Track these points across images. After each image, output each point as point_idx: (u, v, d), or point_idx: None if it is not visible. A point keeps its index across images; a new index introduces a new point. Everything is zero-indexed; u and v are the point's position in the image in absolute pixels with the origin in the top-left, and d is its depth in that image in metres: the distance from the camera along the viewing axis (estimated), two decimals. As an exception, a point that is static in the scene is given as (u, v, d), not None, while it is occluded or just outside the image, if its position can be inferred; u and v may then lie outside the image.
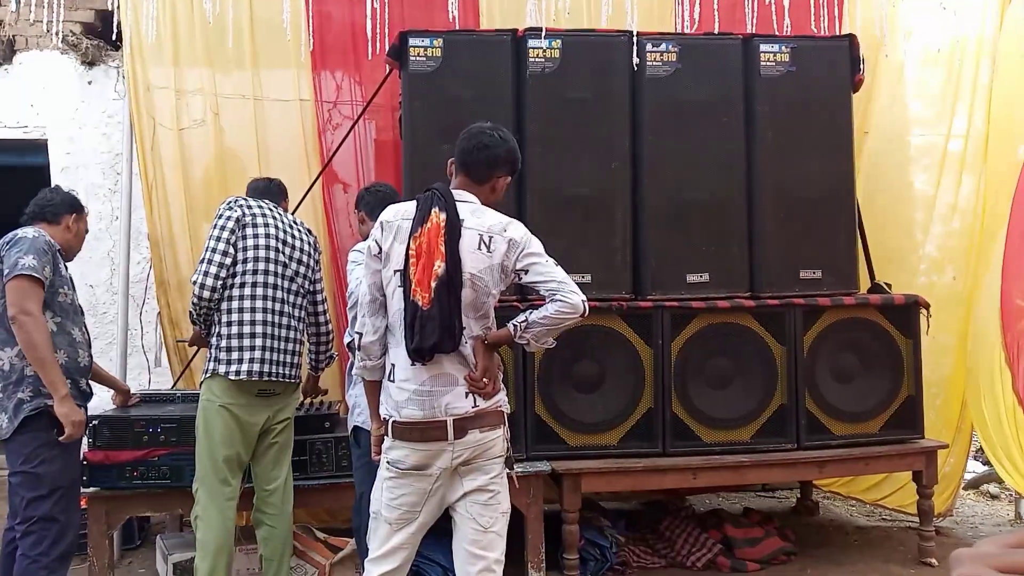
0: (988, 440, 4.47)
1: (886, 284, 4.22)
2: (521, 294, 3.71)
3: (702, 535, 4.08)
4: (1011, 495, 5.10)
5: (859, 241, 4.28)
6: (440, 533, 3.80)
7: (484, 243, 2.27)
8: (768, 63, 4.00)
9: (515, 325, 2.31)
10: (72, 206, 3.13)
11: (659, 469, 3.82)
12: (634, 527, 4.34)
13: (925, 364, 4.30)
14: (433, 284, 2.21)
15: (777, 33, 4.16)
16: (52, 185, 3.36)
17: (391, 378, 2.31)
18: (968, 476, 5.28)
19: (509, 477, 2.40)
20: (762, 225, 4.03)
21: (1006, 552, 0.55)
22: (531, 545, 3.65)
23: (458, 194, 2.34)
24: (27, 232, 2.88)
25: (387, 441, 2.32)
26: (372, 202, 3.36)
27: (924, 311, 4.10)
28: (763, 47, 4.00)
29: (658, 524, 4.29)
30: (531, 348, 2.43)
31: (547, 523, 3.69)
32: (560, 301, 2.24)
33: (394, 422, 2.28)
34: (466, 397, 2.26)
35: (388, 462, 2.32)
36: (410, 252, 2.25)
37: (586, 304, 2.28)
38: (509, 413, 2.42)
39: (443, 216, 2.25)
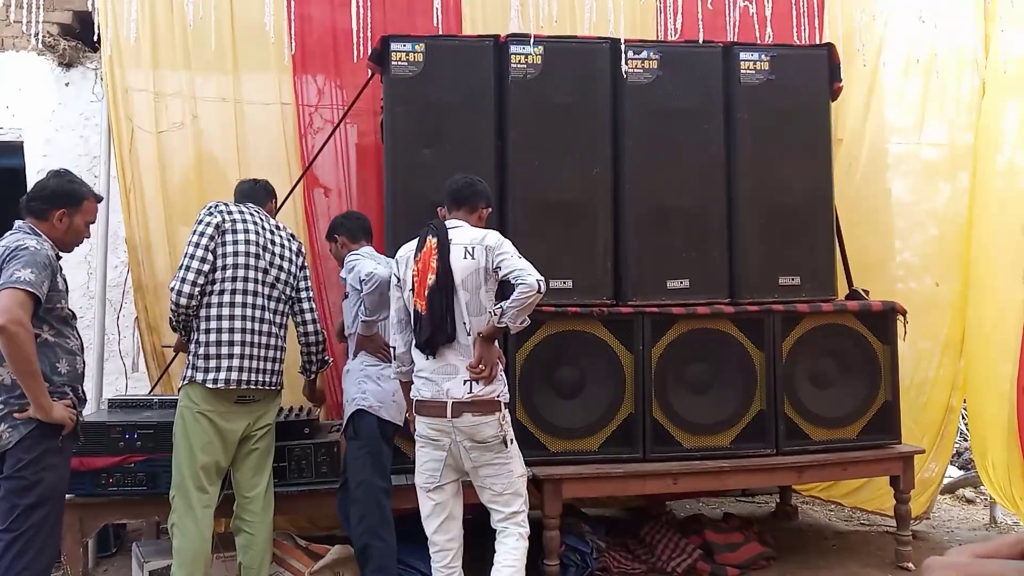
0: (978, 442, 4.54)
1: (864, 291, 4.27)
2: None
3: (682, 540, 4.09)
4: (986, 499, 5.17)
5: (837, 248, 4.32)
6: (421, 540, 3.80)
7: (468, 253, 2.85)
8: (748, 71, 4.03)
9: (492, 313, 2.79)
10: (61, 200, 2.87)
11: (639, 475, 3.82)
12: (615, 533, 4.34)
13: (904, 370, 4.36)
14: (426, 292, 2.81)
15: (759, 42, 4.20)
16: (48, 174, 3.06)
17: (416, 369, 2.91)
18: (945, 480, 5.34)
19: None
20: (742, 232, 4.06)
21: (975, 562, 0.56)
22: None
23: (450, 222, 2.97)
24: (29, 242, 2.70)
25: (416, 419, 2.91)
26: (353, 227, 3.52)
27: (901, 317, 4.14)
28: (743, 55, 4.04)
29: (639, 530, 4.30)
30: (513, 329, 2.86)
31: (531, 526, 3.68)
32: (521, 284, 2.73)
33: (416, 400, 2.90)
34: (463, 384, 2.78)
35: (416, 435, 2.93)
36: (414, 273, 2.90)
37: (541, 283, 2.74)
38: (507, 403, 2.89)
39: (435, 240, 2.87)
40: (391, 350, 3.10)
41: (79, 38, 4.91)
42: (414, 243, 2.97)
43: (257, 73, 4.45)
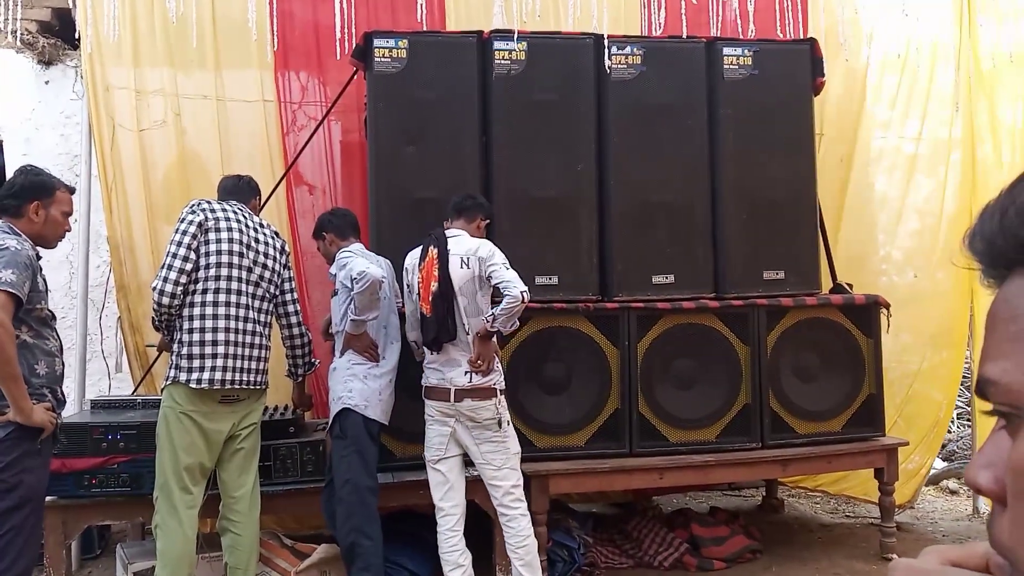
0: (982, 434, 4.56)
1: (847, 284, 4.29)
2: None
3: (669, 535, 4.11)
4: (969, 491, 5.21)
5: (821, 242, 4.34)
6: (407, 539, 3.80)
7: (464, 262, 3.19)
8: (731, 66, 4.04)
9: (486, 318, 3.13)
10: (33, 192, 2.81)
11: (626, 469, 3.84)
12: (602, 528, 4.36)
13: (888, 363, 4.38)
14: (430, 298, 3.18)
15: (742, 37, 4.21)
16: (15, 172, 3.02)
17: (426, 361, 3.31)
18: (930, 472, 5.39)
19: None
20: (726, 227, 4.08)
21: (941, 571, 0.55)
22: (499, 548, 3.64)
23: (450, 232, 3.31)
24: (9, 242, 2.65)
25: (426, 401, 3.30)
26: (341, 224, 3.52)
27: (884, 310, 4.17)
28: (726, 50, 4.04)
29: (626, 524, 4.31)
30: (505, 332, 3.20)
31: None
32: (507, 295, 3.05)
33: (424, 386, 3.30)
34: (464, 375, 3.17)
35: (426, 415, 3.30)
36: (419, 280, 3.27)
37: (525, 294, 3.06)
38: (503, 389, 3.26)
39: (435, 251, 3.22)
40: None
41: (58, 36, 4.85)
42: (418, 252, 3.33)
43: (239, 70, 4.42)
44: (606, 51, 3.78)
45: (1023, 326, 0.49)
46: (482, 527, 3.71)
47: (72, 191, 3.00)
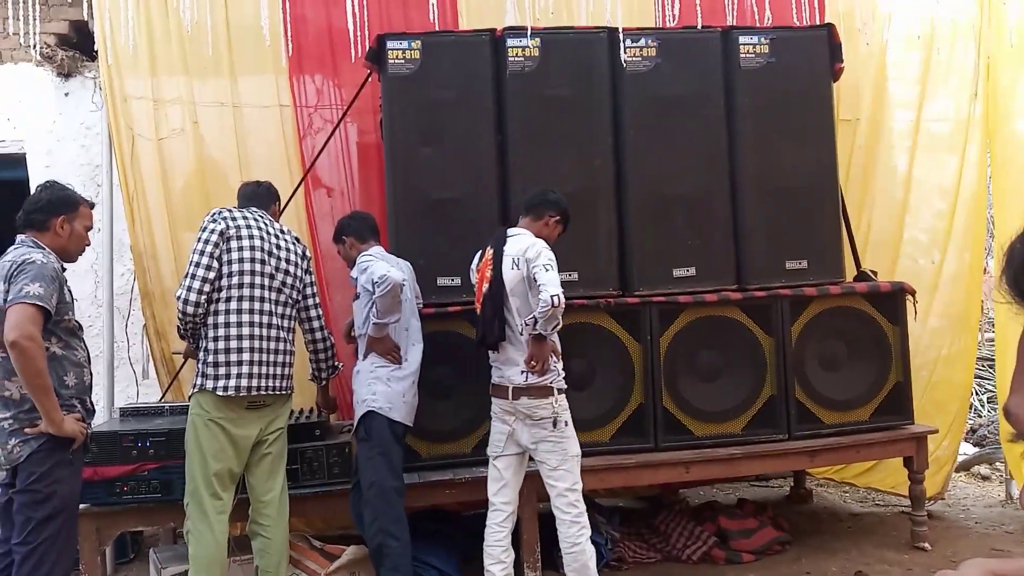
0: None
1: (872, 271, 4.24)
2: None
3: (696, 528, 4.10)
4: (1002, 476, 5.15)
5: (844, 229, 4.29)
6: (436, 537, 3.82)
7: (515, 263, 3.18)
8: (748, 55, 4.00)
9: (526, 322, 3.14)
10: (59, 207, 2.88)
11: (651, 464, 3.83)
12: (629, 522, 4.35)
13: (916, 348, 4.33)
14: (482, 299, 3.22)
15: (758, 25, 4.16)
16: (38, 188, 3.08)
17: (490, 358, 3.33)
18: (960, 458, 5.32)
19: None
20: (746, 217, 4.04)
21: None
22: (526, 545, 3.66)
23: (512, 230, 3.31)
24: (35, 255, 2.71)
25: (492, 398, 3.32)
26: (360, 228, 3.52)
27: (910, 297, 4.11)
28: (742, 39, 4.00)
29: (653, 518, 4.31)
30: (546, 334, 3.13)
31: (541, 522, 3.69)
32: (541, 299, 3.02)
33: (491, 384, 3.31)
34: (521, 373, 3.17)
35: (492, 411, 3.32)
36: (475, 280, 3.35)
37: (556, 298, 2.99)
38: (565, 388, 3.23)
39: (491, 251, 3.25)
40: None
41: (77, 47, 4.91)
42: (479, 252, 3.40)
43: (255, 76, 4.44)
44: (621, 44, 3.74)
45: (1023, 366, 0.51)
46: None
47: (92, 206, 3.06)
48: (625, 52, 3.78)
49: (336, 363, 3.52)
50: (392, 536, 3.19)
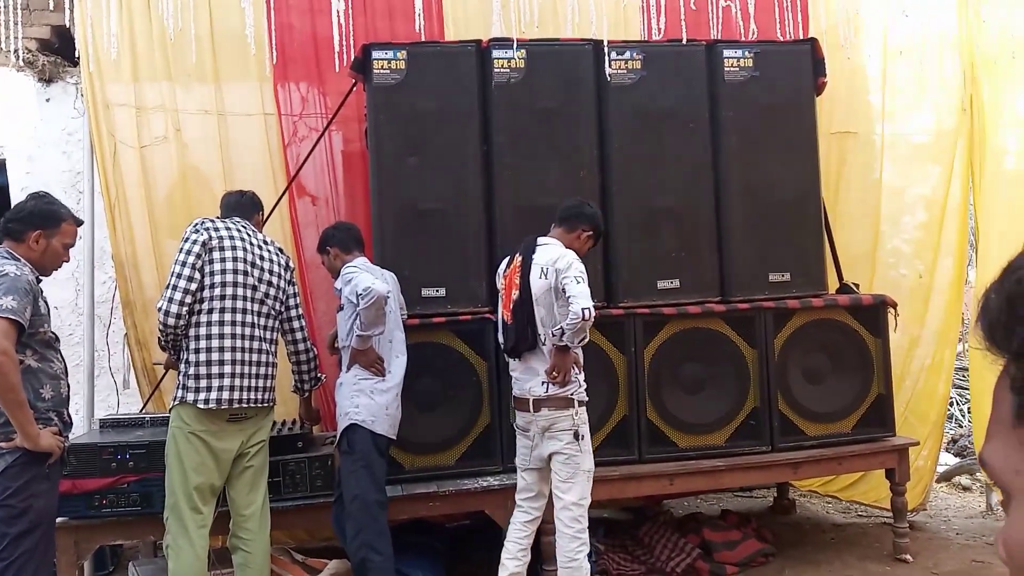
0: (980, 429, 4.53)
1: (854, 284, 4.27)
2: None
3: (680, 540, 4.10)
4: (982, 487, 5.19)
5: (826, 242, 4.32)
6: (420, 549, 3.80)
7: (544, 273, 3.15)
8: (732, 68, 4.02)
9: (553, 332, 3.11)
10: (38, 221, 2.83)
11: (636, 476, 3.83)
12: (613, 534, 4.35)
13: (897, 358, 4.36)
14: (511, 306, 3.22)
15: (743, 38, 4.19)
16: (27, 196, 3.02)
17: (511, 370, 3.33)
18: (940, 469, 5.36)
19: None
20: (730, 230, 4.06)
21: None
22: (510, 558, 3.64)
23: (543, 239, 3.28)
24: (8, 267, 2.67)
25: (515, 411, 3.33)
26: (345, 238, 3.50)
27: (892, 310, 4.14)
28: (726, 53, 4.02)
29: (637, 530, 4.31)
30: (573, 347, 3.11)
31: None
32: (571, 311, 2.98)
33: (513, 396, 3.32)
34: (541, 384, 3.14)
35: (515, 424, 3.33)
36: (503, 287, 3.34)
37: (587, 311, 2.94)
38: (586, 401, 3.21)
39: (520, 259, 3.24)
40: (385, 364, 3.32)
41: (58, 53, 4.86)
42: (507, 259, 3.38)
43: (239, 83, 4.42)
44: (606, 57, 3.75)
45: (1000, 413, 0.52)
46: (493, 536, 3.71)
47: (80, 223, 3.02)
48: (610, 65, 3.79)
49: (319, 374, 3.49)
50: (375, 550, 3.16)
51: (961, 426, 6.43)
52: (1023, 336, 0.51)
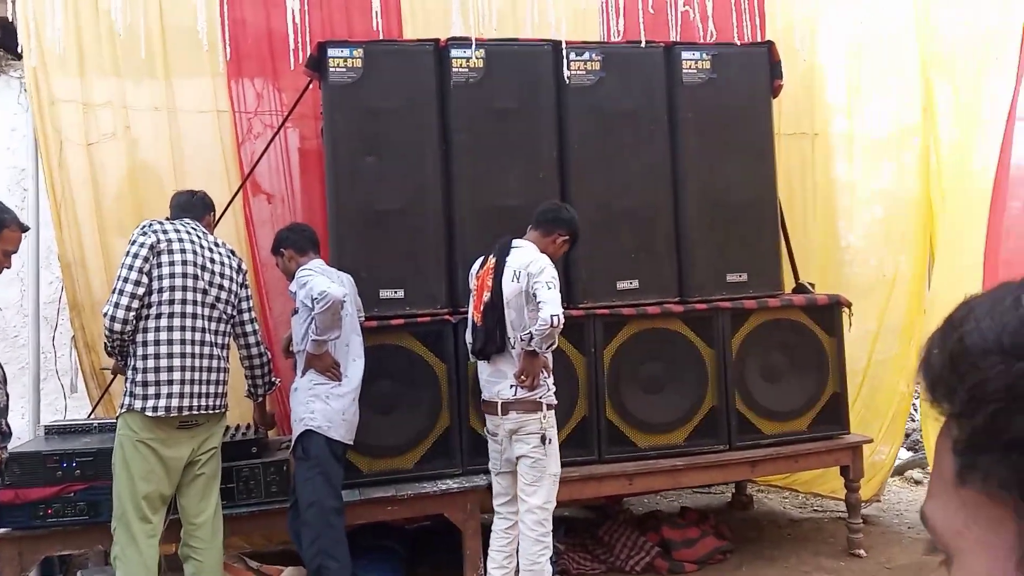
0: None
1: (810, 284, 4.33)
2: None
3: (640, 538, 4.12)
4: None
5: (783, 242, 4.37)
6: (379, 552, 3.76)
7: (516, 276, 3.14)
8: (690, 71, 4.03)
9: (522, 337, 3.10)
10: None
11: (596, 477, 3.83)
12: (573, 533, 4.35)
13: (854, 353, 4.42)
14: (482, 307, 3.19)
15: (702, 39, 4.20)
16: None
17: (479, 373, 3.31)
18: (895, 463, 5.46)
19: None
20: (688, 230, 4.08)
21: None
22: (469, 560, 3.63)
23: (518, 241, 3.25)
24: None
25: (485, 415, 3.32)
26: (300, 240, 3.44)
27: (846, 310, 4.21)
28: (684, 55, 4.04)
29: (597, 529, 4.32)
30: (542, 352, 3.10)
31: (486, 533, 3.66)
32: (540, 317, 2.98)
33: (480, 400, 3.32)
34: (510, 388, 3.14)
35: (485, 429, 3.35)
36: (475, 287, 3.30)
37: (556, 318, 2.96)
38: (555, 404, 3.21)
39: (493, 260, 3.21)
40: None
41: (1, 46, 4.69)
42: (481, 258, 3.34)
43: (191, 79, 4.31)
44: (565, 58, 3.74)
45: (942, 471, 0.51)
46: (454, 539, 3.69)
47: (25, 230, 2.93)
48: (569, 66, 3.78)
49: (273, 379, 3.43)
50: (332, 557, 3.12)
51: (914, 420, 6.56)
52: (964, 398, 0.50)
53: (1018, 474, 0.48)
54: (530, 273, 3.09)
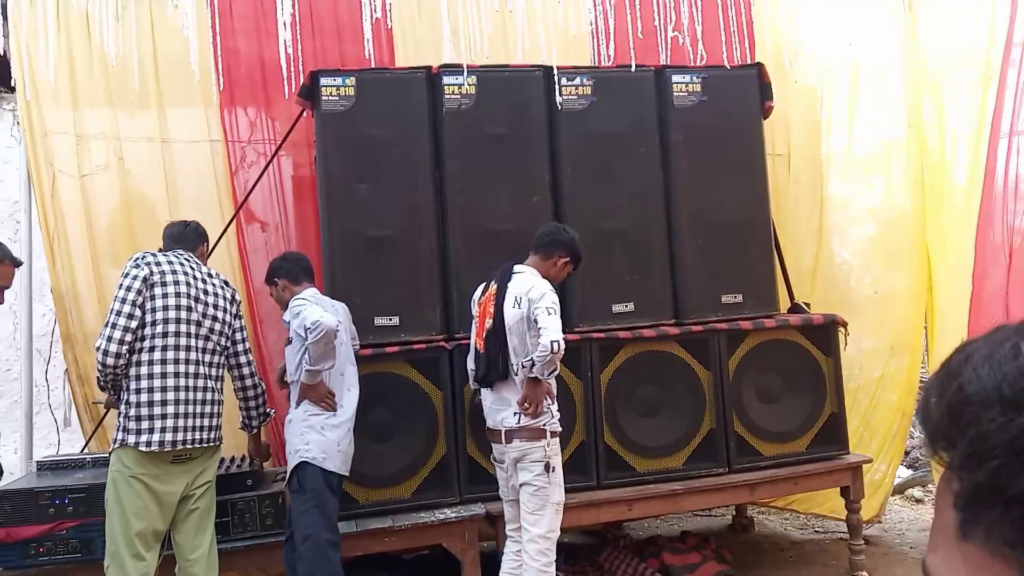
0: None
1: (805, 304, 4.32)
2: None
3: (640, 564, 4.07)
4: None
5: (777, 262, 4.37)
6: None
7: (517, 302, 3.13)
8: (681, 93, 4.06)
9: (523, 363, 3.08)
10: None
11: (594, 503, 3.80)
12: (573, 559, 4.31)
13: (850, 371, 4.41)
14: (484, 334, 3.19)
15: (692, 61, 4.23)
16: None
17: (482, 400, 3.28)
18: (895, 481, 5.43)
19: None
20: (682, 252, 4.08)
21: None
22: (468, 590, 3.58)
23: (519, 267, 3.24)
24: None
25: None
26: (293, 269, 3.41)
27: (842, 329, 4.20)
28: (675, 78, 4.06)
29: (597, 556, 4.27)
30: (544, 379, 3.07)
31: (485, 562, 3.63)
32: (540, 343, 2.96)
33: (485, 428, 3.29)
34: (513, 415, 3.11)
35: (492, 456, 3.33)
36: (476, 315, 3.29)
37: (556, 344, 2.94)
38: (559, 432, 3.17)
39: (495, 287, 3.21)
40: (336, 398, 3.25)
41: (-7, 78, 4.70)
42: (481, 286, 3.33)
43: (184, 109, 4.31)
44: (556, 83, 3.76)
45: (943, 525, 0.50)
46: (452, 568, 3.65)
47: (18, 264, 2.92)
48: (561, 91, 3.80)
49: (268, 410, 3.40)
50: (328, 591, 3.07)
51: (913, 437, 6.54)
52: (965, 452, 0.49)
53: (1021, 532, 0.47)
54: (531, 299, 3.08)
